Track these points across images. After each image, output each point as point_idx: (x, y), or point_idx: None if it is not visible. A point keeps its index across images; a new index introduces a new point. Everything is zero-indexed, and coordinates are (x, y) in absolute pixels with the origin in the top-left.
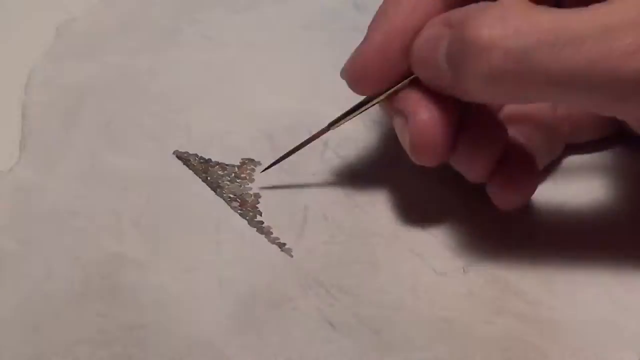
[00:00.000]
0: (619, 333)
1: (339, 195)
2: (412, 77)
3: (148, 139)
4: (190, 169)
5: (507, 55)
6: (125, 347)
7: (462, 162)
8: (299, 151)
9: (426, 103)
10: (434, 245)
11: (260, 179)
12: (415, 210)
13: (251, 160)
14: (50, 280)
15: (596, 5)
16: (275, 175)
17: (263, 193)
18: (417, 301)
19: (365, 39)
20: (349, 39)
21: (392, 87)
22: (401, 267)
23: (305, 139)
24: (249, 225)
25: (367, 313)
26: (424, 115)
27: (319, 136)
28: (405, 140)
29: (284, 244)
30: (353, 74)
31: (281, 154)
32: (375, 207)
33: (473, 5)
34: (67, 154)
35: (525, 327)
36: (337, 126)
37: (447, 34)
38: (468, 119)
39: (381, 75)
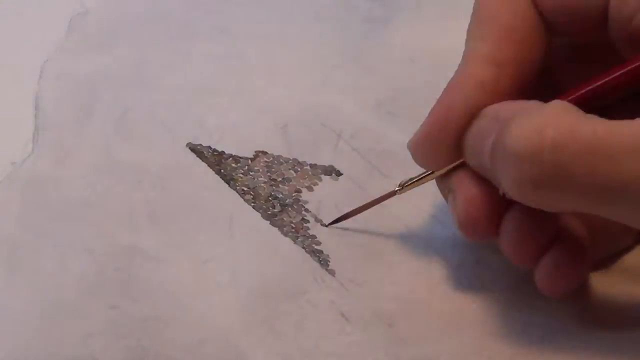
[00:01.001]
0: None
1: (352, 188)
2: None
3: (161, 131)
4: (203, 161)
5: (542, 169)
6: (139, 339)
7: (507, 244)
8: (310, 143)
9: (474, 182)
10: (448, 238)
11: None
12: (430, 203)
13: (264, 153)
14: (64, 272)
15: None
16: None
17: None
18: (431, 294)
19: (429, 114)
20: (362, 29)
21: (449, 164)
22: (415, 260)
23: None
24: (262, 218)
25: (380, 306)
26: (469, 192)
27: (384, 199)
28: (454, 216)
29: (298, 237)
30: (415, 149)
31: (293, 147)
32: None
33: (523, 103)
34: (80, 146)
35: (540, 320)
36: (401, 191)
37: (493, 131)
38: (517, 203)
39: (440, 154)
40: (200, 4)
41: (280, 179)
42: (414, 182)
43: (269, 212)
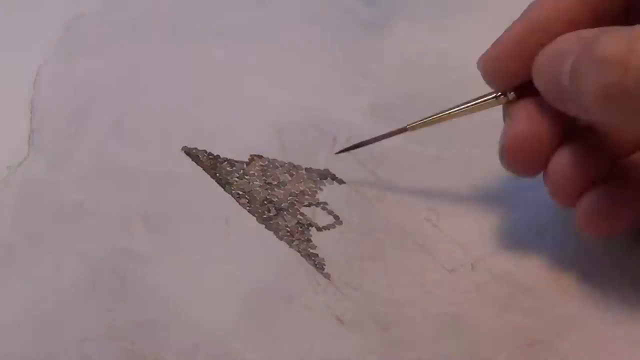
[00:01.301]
0: (632, 330)
1: (348, 191)
2: (506, 97)
3: (157, 135)
4: (198, 165)
5: (629, 73)
6: (134, 342)
7: (552, 181)
8: (306, 147)
9: (531, 113)
10: (442, 241)
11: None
12: (424, 206)
13: (260, 157)
14: (59, 275)
15: None
16: None
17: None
18: (426, 297)
19: (505, 31)
20: (358, 33)
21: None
22: (410, 263)
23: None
24: (257, 222)
25: (376, 309)
26: (522, 123)
27: (396, 134)
28: (500, 143)
29: (293, 241)
30: (485, 64)
31: (289, 151)
32: (384, 202)
33: (606, 27)
34: (75, 149)
35: (534, 323)
36: (417, 126)
37: (576, 48)
38: (573, 138)
39: (511, 71)
40: (196, 8)
41: (275, 182)
42: (433, 117)
43: (264, 216)
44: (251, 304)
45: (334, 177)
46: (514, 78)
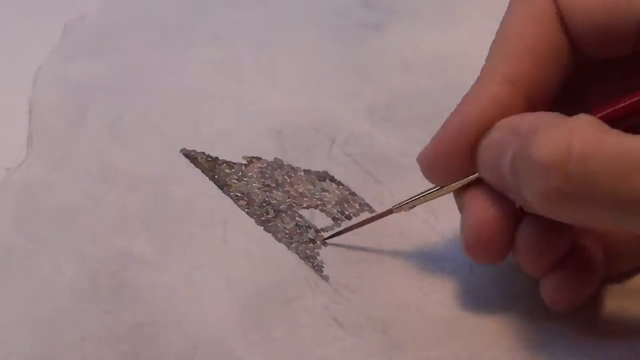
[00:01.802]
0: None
1: (345, 193)
2: (475, 176)
3: (155, 136)
4: (197, 167)
5: (569, 179)
6: (133, 345)
7: (521, 258)
8: (304, 149)
9: (485, 201)
10: (441, 243)
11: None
12: (424, 208)
13: (258, 159)
14: (58, 277)
15: None
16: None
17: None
18: (425, 300)
19: (441, 127)
20: (357, 35)
21: (461, 179)
22: (409, 266)
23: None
24: (256, 224)
25: (374, 312)
26: (479, 212)
27: (382, 216)
28: (461, 235)
29: (292, 242)
30: (425, 163)
31: (287, 153)
32: (384, 205)
33: (544, 115)
34: (74, 151)
35: (533, 326)
36: (402, 208)
37: (513, 143)
38: (531, 216)
39: (451, 168)
40: (195, 9)
41: (274, 184)
42: (418, 198)
43: (263, 218)
44: (250, 305)
45: (332, 179)
46: (455, 173)
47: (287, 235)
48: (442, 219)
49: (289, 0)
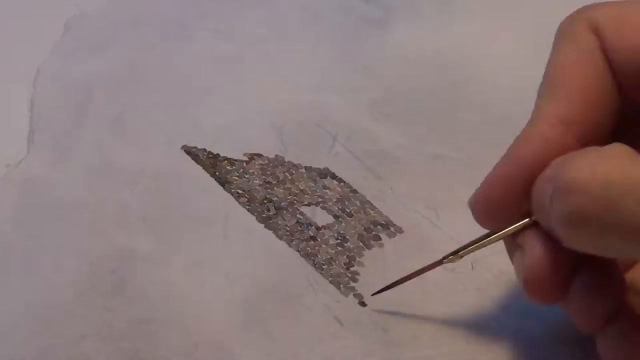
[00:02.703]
0: None
1: (346, 190)
2: (529, 220)
3: (157, 133)
4: (198, 163)
5: (591, 201)
6: (133, 342)
7: (574, 309)
8: (306, 145)
9: (544, 241)
10: (442, 240)
11: None
12: (424, 205)
13: (259, 156)
14: (58, 273)
15: None
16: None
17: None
18: (426, 298)
19: (493, 170)
20: (358, 31)
21: (513, 224)
22: (410, 263)
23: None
24: (256, 221)
25: (375, 310)
26: (538, 251)
27: (430, 269)
28: (519, 275)
29: (293, 240)
30: (478, 207)
31: (289, 149)
32: (385, 202)
33: (583, 150)
34: (75, 147)
35: (533, 325)
36: (453, 259)
37: (554, 178)
38: (585, 265)
39: (505, 212)
40: (196, 5)
41: (275, 181)
42: (471, 248)
43: (264, 215)
44: (250, 303)
45: (333, 176)
46: (509, 217)
47: (288, 233)
48: (444, 216)
49: None
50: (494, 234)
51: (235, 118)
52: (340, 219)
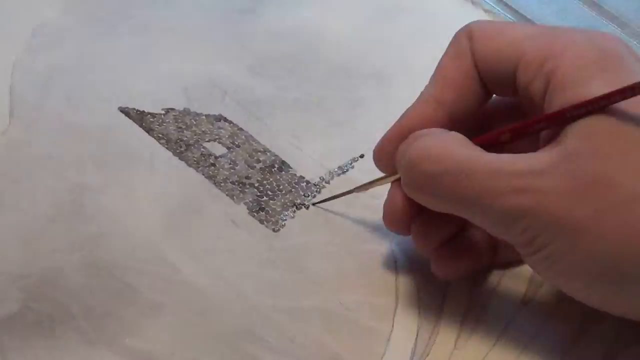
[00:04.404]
0: None
1: (235, 129)
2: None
3: (100, 100)
4: (130, 119)
5: (423, 175)
6: (91, 250)
7: (415, 237)
8: (205, 99)
9: (399, 191)
10: (304, 159)
11: None
12: (290, 135)
13: (173, 109)
14: (36, 206)
15: (505, 155)
16: None
17: None
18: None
19: (389, 129)
20: (237, 18)
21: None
22: (279, 178)
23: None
24: (173, 155)
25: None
26: (393, 197)
27: (353, 192)
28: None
29: (199, 167)
30: (373, 154)
31: (193, 103)
32: (262, 135)
33: (435, 129)
34: (43, 117)
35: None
36: (360, 190)
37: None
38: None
39: (387, 162)
40: (122, 9)
41: (184, 126)
42: (365, 185)
43: (178, 151)
44: (172, 215)
45: (225, 120)
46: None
47: (195, 162)
48: (305, 142)
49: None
50: (378, 180)
51: (154, 85)
52: (231, 150)
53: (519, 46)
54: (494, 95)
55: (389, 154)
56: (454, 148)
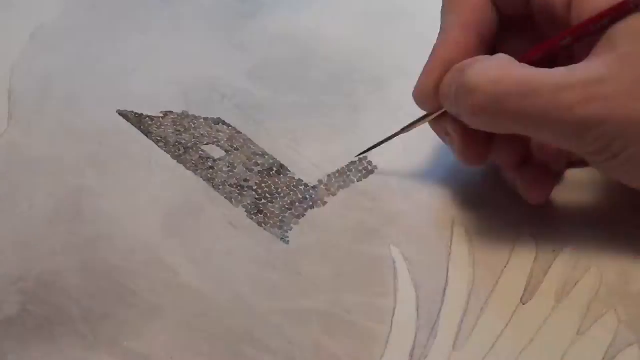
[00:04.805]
0: None
1: (233, 132)
2: (444, 109)
3: (99, 104)
4: (128, 121)
5: (486, 98)
6: (90, 253)
7: (497, 161)
8: (203, 103)
9: (458, 126)
10: (302, 161)
11: None
12: (288, 138)
13: (171, 112)
14: (34, 209)
15: (559, 68)
16: None
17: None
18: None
19: (424, 66)
20: (237, 23)
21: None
22: (277, 181)
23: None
24: (171, 158)
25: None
26: (458, 135)
27: (396, 135)
28: (454, 152)
29: (197, 170)
30: (413, 94)
31: (191, 106)
32: (260, 138)
33: (478, 57)
34: (41, 120)
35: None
36: (405, 131)
37: (457, 78)
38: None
39: (430, 100)
40: (119, 13)
41: (182, 129)
42: (410, 125)
43: (176, 154)
44: (170, 217)
45: (224, 123)
46: (434, 103)
47: (193, 165)
48: (302, 145)
49: (188, 2)
50: (424, 118)
51: (154, 88)
52: (230, 153)
53: None
54: None
55: (431, 90)
56: (511, 68)
